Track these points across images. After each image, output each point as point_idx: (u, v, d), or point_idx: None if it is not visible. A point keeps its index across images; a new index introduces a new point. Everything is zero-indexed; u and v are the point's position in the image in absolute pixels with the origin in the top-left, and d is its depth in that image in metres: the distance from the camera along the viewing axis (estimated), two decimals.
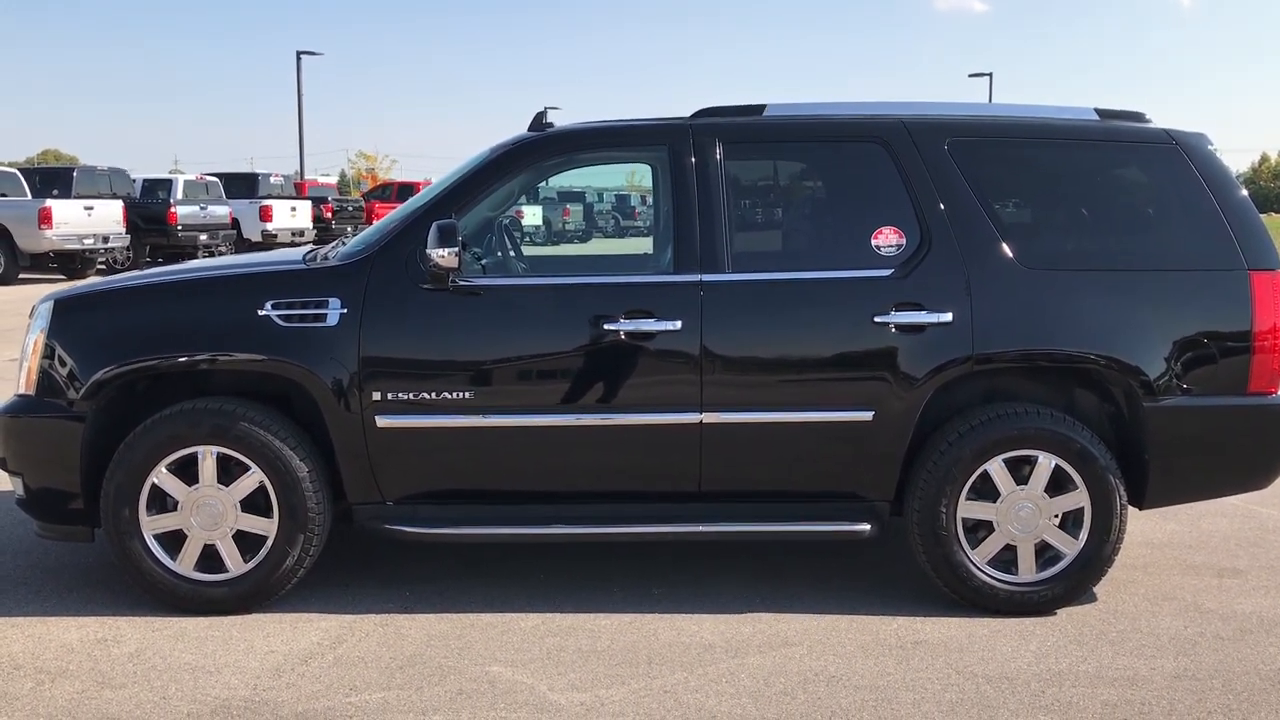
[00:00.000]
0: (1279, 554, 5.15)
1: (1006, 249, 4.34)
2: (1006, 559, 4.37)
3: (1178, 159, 4.47)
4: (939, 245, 4.34)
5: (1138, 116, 4.66)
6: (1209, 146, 4.55)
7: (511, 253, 5.27)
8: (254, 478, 4.29)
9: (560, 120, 4.81)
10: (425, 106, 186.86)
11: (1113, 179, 4.66)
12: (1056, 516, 4.35)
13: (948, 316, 4.26)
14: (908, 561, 4.81)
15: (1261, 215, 4.51)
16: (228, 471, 4.31)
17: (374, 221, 7.24)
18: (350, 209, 32.46)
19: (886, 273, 4.33)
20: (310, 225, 28.10)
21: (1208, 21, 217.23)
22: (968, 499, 4.33)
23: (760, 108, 4.64)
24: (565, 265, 6.83)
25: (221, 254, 22.88)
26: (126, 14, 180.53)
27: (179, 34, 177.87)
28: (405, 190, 33.63)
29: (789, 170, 5.04)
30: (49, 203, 19.85)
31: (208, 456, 4.28)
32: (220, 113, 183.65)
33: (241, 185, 27.31)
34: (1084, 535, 4.33)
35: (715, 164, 4.43)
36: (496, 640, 4.12)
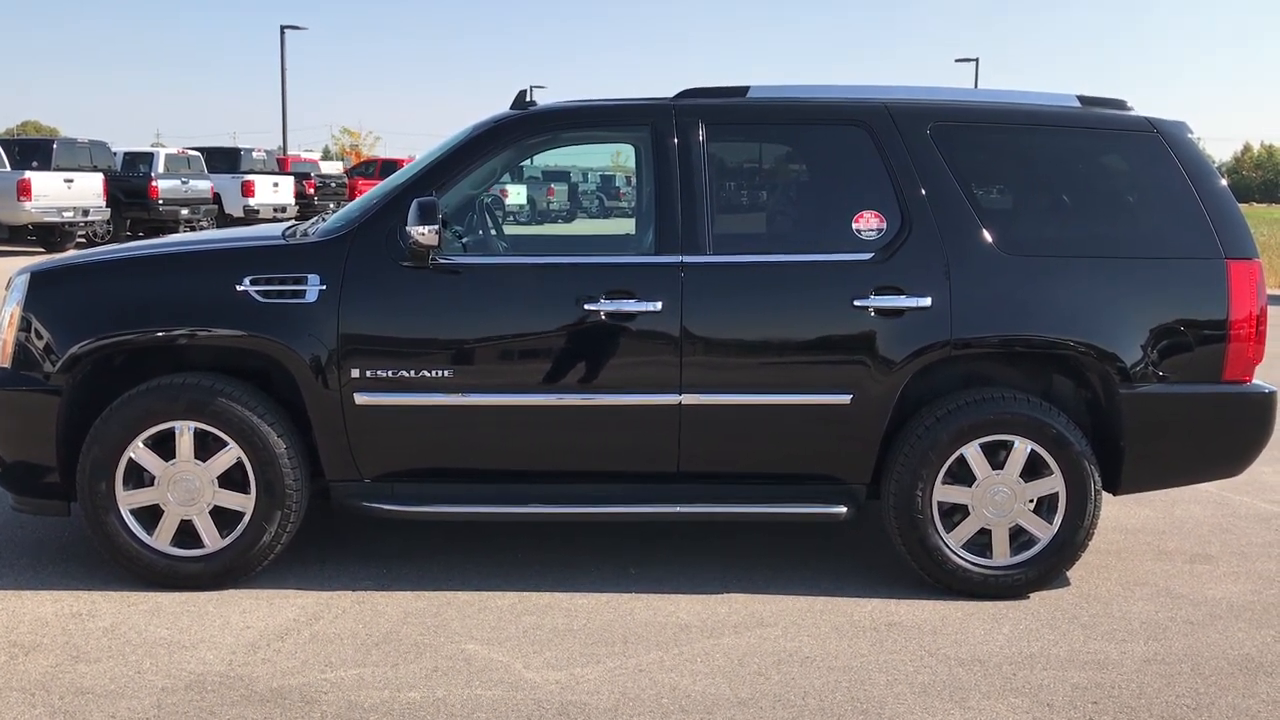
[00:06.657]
0: (1250, 540, 5.21)
1: (986, 234, 4.35)
2: (981, 543, 4.40)
3: (1158, 147, 4.49)
4: (919, 230, 4.34)
5: (1119, 104, 4.68)
6: (1189, 135, 4.57)
7: (493, 231, 5.26)
8: (231, 453, 4.28)
9: (545, 99, 4.80)
10: (410, 83, 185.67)
11: (1093, 166, 4.67)
12: (1031, 501, 4.38)
13: (927, 301, 4.28)
14: (883, 544, 4.84)
15: (1243, 205, 4.53)
16: (205, 447, 4.30)
17: (356, 197, 7.20)
18: (333, 185, 32.28)
19: (867, 256, 4.33)
20: (292, 201, 27.95)
21: (1194, 8, 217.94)
22: (944, 483, 4.35)
23: (744, 89, 4.63)
24: (547, 245, 6.84)
25: (203, 229, 22.72)
26: None
27: (164, 6, 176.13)
28: (389, 166, 33.44)
29: (771, 152, 5.04)
30: (28, 175, 19.69)
31: (185, 432, 4.26)
32: (203, 87, 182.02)
33: (224, 160, 27.16)
34: (1058, 520, 4.36)
35: (698, 145, 4.42)
36: (473, 618, 4.12)
